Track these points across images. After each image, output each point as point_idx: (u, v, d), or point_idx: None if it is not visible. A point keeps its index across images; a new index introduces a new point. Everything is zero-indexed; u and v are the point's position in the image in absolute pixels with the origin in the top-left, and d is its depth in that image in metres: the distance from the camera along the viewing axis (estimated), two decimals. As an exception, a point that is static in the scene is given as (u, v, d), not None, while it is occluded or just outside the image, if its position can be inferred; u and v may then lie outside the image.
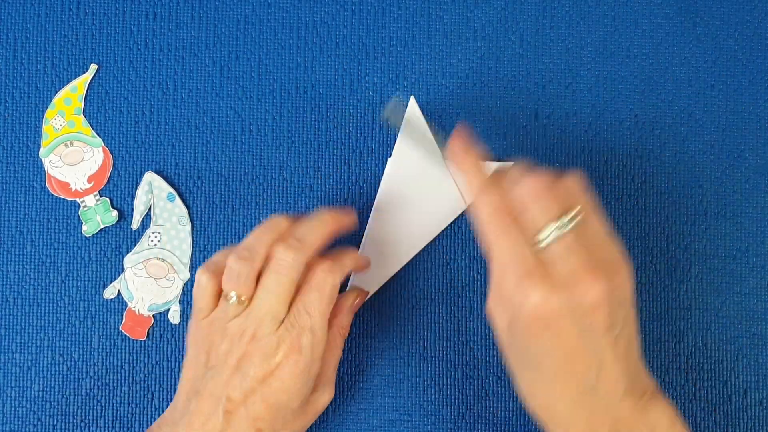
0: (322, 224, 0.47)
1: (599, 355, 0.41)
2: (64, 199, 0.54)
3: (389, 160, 0.52)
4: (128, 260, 0.53)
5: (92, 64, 0.54)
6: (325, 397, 0.48)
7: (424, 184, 0.52)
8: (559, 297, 0.40)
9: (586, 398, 0.42)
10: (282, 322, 0.45)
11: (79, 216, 0.54)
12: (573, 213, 0.41)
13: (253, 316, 0.45)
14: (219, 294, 0.47)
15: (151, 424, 0.53)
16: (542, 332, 0.41)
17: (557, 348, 0.41)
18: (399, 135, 0.52)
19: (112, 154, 0.54)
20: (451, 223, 0.53)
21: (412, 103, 0.52)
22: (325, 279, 0.46)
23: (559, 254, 0.41)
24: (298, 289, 0.46)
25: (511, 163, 0.46)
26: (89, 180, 0.54)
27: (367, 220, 0.53)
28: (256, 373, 0.45)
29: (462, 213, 0.53)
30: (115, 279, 0.53)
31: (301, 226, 0.47)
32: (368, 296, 0.52)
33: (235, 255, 0.46)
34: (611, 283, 0.41)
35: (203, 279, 0.47)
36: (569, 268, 0.40)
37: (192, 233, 0.54)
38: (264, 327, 0.45)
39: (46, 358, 0.53)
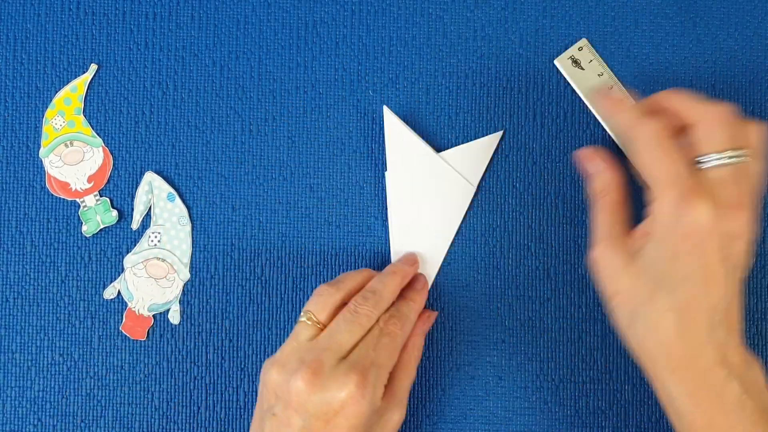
0: (397, 278, 0.49)
1: (731, 287, 0.42)
2: (64, 199, 0.54)
3: (386, 174, 0.52)
4: (128, 260, 0.53)
5: (92, 64, 0.54)
6: (395, 416, 0.47)
7: (428, 185, 0.52)
8: (716, 216, 0.41)
9: (711, 335, 0.42)
10: (344, 358, 0.45)
11: (79, 216, 0.54)
12: (742, 152, 0.43)
13: (319, 347, 0.45)
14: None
15: (151, 424, 0.53)
16: (691, 250, 0.42)
17: (701, 269, 0.42)
18: (386, 147, 0.53)
19: (112, 154, 0.54)
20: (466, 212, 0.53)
21: (387, 112, 0.53)
22: (398, 333, 0.47)
23: (716, 180, 0.43)
24: None
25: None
26: (89, 180, 0.54)
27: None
28: (318, 411, 0.43)
29: (473, 199, 0.53)
30: (115, 279, 0.53)
31: (378, 280, 0.49)
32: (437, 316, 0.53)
33: (324, 284, 0.48)
34: (753, 223, 0.42)
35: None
36: (725, 194, 0.42)
37: (192, 233, 0.54)
38: (328, 359, 0.44)
39: (46, 358, 0.53)
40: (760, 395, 0.42)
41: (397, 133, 0.53)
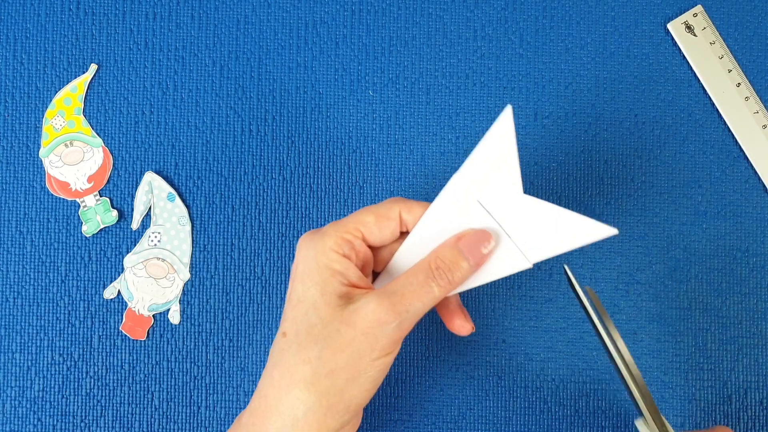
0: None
1: None
2: (64, 199, 0.54)
3: (460, 173, 0.43)
4: (128, 260, 0.53)
5: (92, 64, 0.54)
6: (362, 301, 0.42)
7: (483, 219, 0.43)
8: None
9: None
10: None
11: (79, 216, 0.54)
12: None
13: None
14: None
15: (151, 424, 0.53)
16: None
17: None
18: (481, 145, 0.42)
19: (112, 154, 0.54)
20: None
21: (508, 113, 0.41)
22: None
23: None
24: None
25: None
26: (89, 180, 0.54)
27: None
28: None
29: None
30: (115, 279, 0.53)
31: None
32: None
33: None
34: None
35: None
36: None
37: (192, 233, 0.54)
38: None
39: (46, 358, 0.53)
40: None
41: (502, 145, 0.41)
